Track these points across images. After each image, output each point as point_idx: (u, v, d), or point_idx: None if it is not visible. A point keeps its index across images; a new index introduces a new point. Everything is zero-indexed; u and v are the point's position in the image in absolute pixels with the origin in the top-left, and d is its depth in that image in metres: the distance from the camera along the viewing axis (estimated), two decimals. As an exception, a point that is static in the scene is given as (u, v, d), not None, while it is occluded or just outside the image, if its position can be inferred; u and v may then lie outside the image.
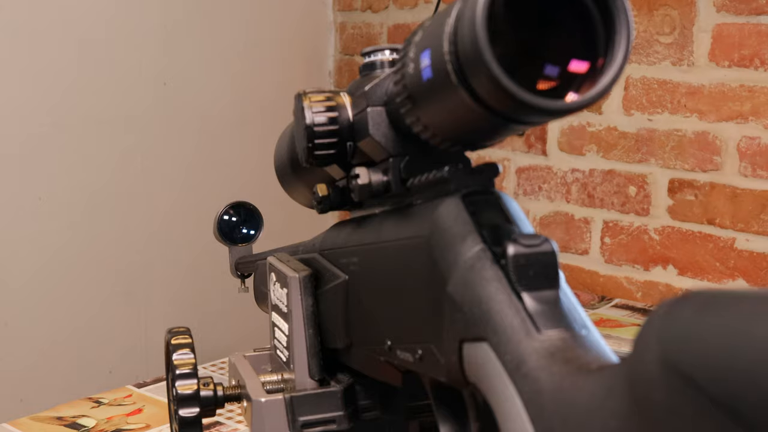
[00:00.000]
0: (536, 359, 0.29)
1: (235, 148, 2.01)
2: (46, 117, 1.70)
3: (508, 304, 0.31)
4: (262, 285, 0.70)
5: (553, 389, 0.28)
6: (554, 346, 0.30)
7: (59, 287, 1.75)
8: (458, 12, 0.31)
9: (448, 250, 0.35)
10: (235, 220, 0.93)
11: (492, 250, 0.33)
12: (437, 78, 0.33)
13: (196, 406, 0.51)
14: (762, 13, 1.49)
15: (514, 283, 0.32)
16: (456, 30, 0.31)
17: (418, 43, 0.35)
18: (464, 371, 0.33)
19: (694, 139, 1.59)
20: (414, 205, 0.40)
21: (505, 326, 0.31)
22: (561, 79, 0.33)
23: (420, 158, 0.41)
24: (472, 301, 0.33)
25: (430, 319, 0.36)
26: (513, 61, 0.30)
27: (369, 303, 0.44)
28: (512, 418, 0.29)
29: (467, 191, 0.36)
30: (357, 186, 0.42)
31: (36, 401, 1.54)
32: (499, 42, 0.30)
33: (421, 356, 0.38)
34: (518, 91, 0.30)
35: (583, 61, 0.32)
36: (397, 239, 0.40)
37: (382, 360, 0.43)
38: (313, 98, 0.44)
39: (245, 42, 2.04)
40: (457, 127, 0.35)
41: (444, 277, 0.35)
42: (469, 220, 0.35)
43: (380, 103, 0.41)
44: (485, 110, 0.32)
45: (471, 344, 0.33)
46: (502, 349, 0.31)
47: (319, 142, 0.44)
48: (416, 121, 0.37)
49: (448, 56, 0.32)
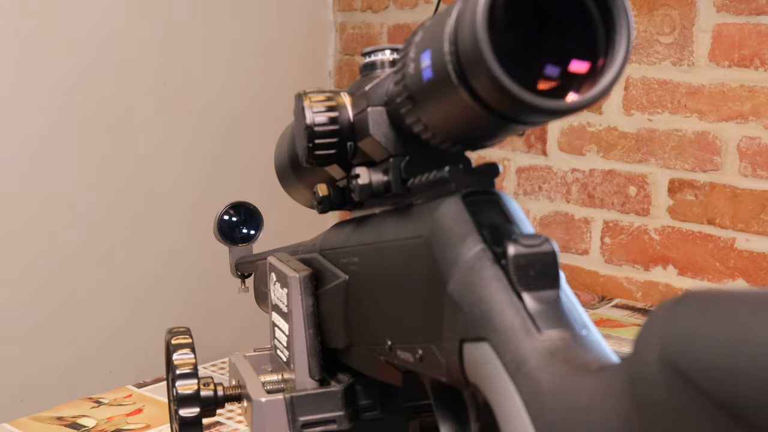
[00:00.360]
0: (537, 359, 0.29)
1: (235, 148, 2.01)
2: (46, 117, 1.70)
3: (509, 304, 0.31)
4: (262, 285, 0.71)
5: (553, 389, 0.28)
6: (555, 346, 0.30)
7: (60, 287, 1.75)
8: (458, 12, 0.31)
9: (449, 250, 0.35)
10: (235, 220, 0.93)
11: (492, 250, 0.33)
12: (438, 78, 0.33)
13: (196, 406, 0.51)
14: (762, 13, 1.49)
15: (514, 283, 0.32)
16: (456, 30, 0.31)
17: (419, 43, 0.35)
18: (465, 371, 0.33)
19: (694, 139, 1.59)
20: (414, 205, 0.40)
21: (505, 326, 0.31)
22: (561, 79, 0.33)
23: (420, 158, 0.41)
24: (472, 301, 0.33)
25: (431, 319, 0.36)
26: (513, 60, 0.30)
27: (369, 303, 0.44)
28: (513, 418, 0.29)
29: (467, 191, 0.36)
30: (357, 186, 0.42)
31: (36, 401, 1.54)
32: (499, 42, 0.30)
33: (422, 356, 0.38)
34: (519, 91, 0.30)
35: (584, 61, 0.32)
36: (398, 239, 0.40)
37: (383, 360, 0.43)
38: (313, 98, 0.44)
39: (245, 42, 2.04)
40: (457, 127, 0.35)
41: (444, 277, 0.35)
42: (470, 220, 0.35)
43: (380, 103, 0.41)
44: (485, 110, 0.32)
45: (471, 344, 0.33)
46: (503, 348, 0.31)
47: (320, 142, 0.44)
48: (417, 122, 0.37)
49: (448, 56, 0.32)
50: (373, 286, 0.43)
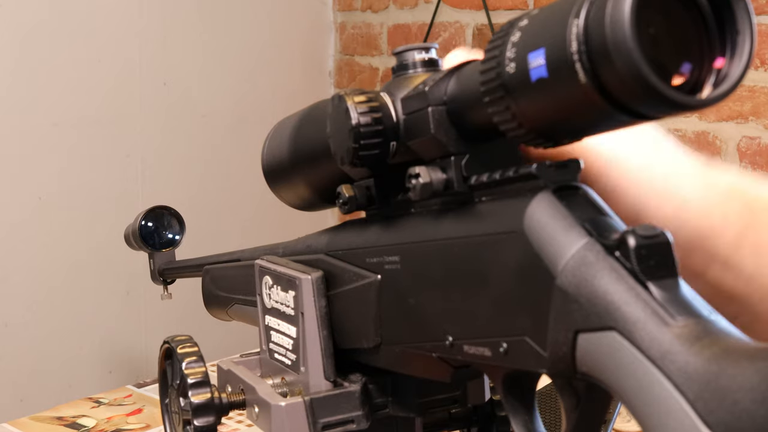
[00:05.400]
0: (681, 344, 0.30)
1: (235, 148, 2.01)
2: (46, 117, 1.70)
3: (635, 294, 0.33)
4: (218, 289, 0.70)
5: (706, 371, 0.29)
6: (696, 330, 0.31)
7: (59, 287, 1.75)
8: (588, 14, 0.33)
9: (550, 244, 0.36)
10: (152, 225, 0.92)
11: (600, 242, 0.35)
12: (555, 76, 0.34)
13: (212, 414, 0.52)
14: (762, 13, 1.49)
15: (637, 273, 0.33)
16: (588, 31, 0.33)
17: (520, 43, 0.36)
18: (576, 361, 0.35)
19: (694, 139, 1.59)
20: (479, 203, 0.41)
21: (637, 315, 0.32)
22: (692, 75, 0.34)
23: (477, 157, 0.42)
24: (589, 293, 0.34)
25: (526, 312, 0.37)
26: (653, 59, 0.32)
27: (420, 301, 0.44)
28: (662, 402, 0.30)
29: (556, 186, 0.37)
30: (419, 185, 0.42)
31: (36, 401, 1.54)
32: (642, 41, 0.32)
33: (507, 350, 0.38)
34: (664, 87, 0.31)
35: (721, 57, 0.34)
36: (469, 236, 0.41)
37: (434, 356, 0.44)
38: (356, 99, 0.44)
39: (245, 42, 2.04)
40: (560, 123, 0.37)
41: (549, 271, 0.35)
42: (568, 214, 0.36)
43: (440, 103, 0.42)
44: (612, 107, 0.33)
45: (591, 334, 0.34)
46: (638, 336, 0.32)
47: (366, 143, 0.44)
48: (508, 119, 0.38)
49: (576, 56, 0.33)
50: (429, 284, 0.44)
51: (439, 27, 2.02)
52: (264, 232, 0.92)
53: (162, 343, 0.57)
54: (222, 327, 2.02)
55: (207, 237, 1.51)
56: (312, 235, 0.57)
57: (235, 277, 0.66)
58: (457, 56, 0.45)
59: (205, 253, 0.78)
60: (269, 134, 0.59)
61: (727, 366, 0.29)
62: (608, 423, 0.74)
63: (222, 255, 0.71)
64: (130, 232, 0.95)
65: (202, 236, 1.39)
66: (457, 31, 1.99)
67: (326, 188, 0.53)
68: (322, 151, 0.50)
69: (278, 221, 1.63)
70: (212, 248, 0.87)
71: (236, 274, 0.66)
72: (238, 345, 1.22)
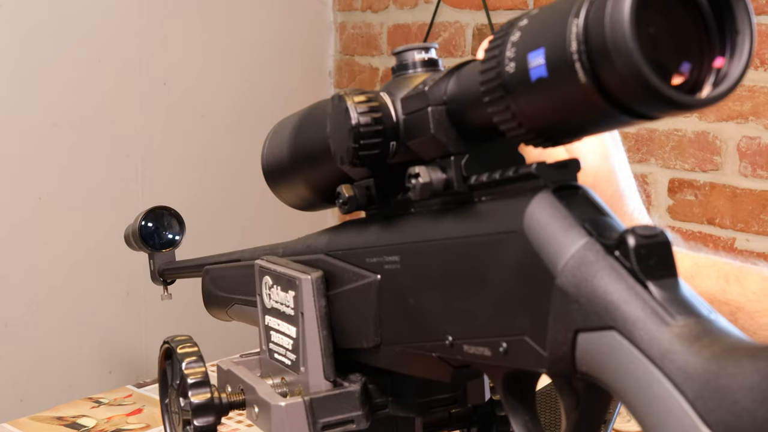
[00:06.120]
0: (681, 344, 0.31)
1: (235, 148, 2.01)
2: (46, 117, 1.70)
3: (634, 293, 0.33)
4: (218, 290, 0.70)
5: (705, 371, 0.29)
6: (695, 329, 0.31)
7: (59, 287, 1.75)
8: (587, 13, 0.33)
9: (550, 244, 0.36)
10: (152, 225, 0.92)
11: (600, 242, 0.35)
12: (555, 76, 0.34)
13: (212, 414, 0.51)
14: (762, 13, 1.49)
15: (636, 272, 0.33)
16: (587, 31, 0.33)
17: (520, 43, 0.36)
18: (575, 360, 0.35)
19: (694, 139, 1.59)
20: (479, 203, 0.41)
21: (637, 315, 0.32)
22: (692, 75, 0.34)
23: (477, 157, 0.42)
24: (589, 292, 0.34)
25: (526, 312, 0.37)
26: (652, 59, 0.32)
27: (419, 301, 0.44)
28: (661, 401, 0.30)
29: (556, 186, 0.37)
30: (419, 185, 0.42)
31: (36, 401, 1.54)
32: (642, 41, 0.32)
33: (507, 349, 0.38)
34: (664, 87, 0.32)
35: (720, 57, 0.34)
36: (468, 236, 0.41)
37: (434, 356, 0.44)
38: (356, 99, 0.44)
39: (245, 42, 2.04)
40: (560, 122, 0.37)
41: (549, 271, 0.36)
42: (568, 213, 0.36)
43: (440, 103, 0.42)
44: (611, 106, 0.33)
45: (591, 334, 0.34)
46: (637, 336, 0.32)
47: (365, 143, 0.44)
48: (508, 119, 0.38)
49: (576, 55, 0.33)
50: (427, 283, 0.44)
51: (439, 27, 2.02)
52: (264, 232, 0.92)
53: (162, 343, 0.57)
54: (222, 327, 2.02)
55: (207, 237, 1.51)
56: (312, 235, 0.57)
57: (235, 277, 0.66)
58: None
59: (205, 253, 0.78)
60: (269, 134, 0.59)
61: (727, 365, 0.29)
62: (608, 423, 0.74)
63: (222, 255, 0.71)
64: (130, 232, 0.95)
65: (202, 236, 1.39)
66: (457, 31, 1.99)
67: (326, 188, 0.53)
68: (322, 151, 0.50)
69: (278, 221, 1.63)
70: (212, 248, 0.87)
71: (236, 274, 0.66)
72: (238, 345, 1.22)
